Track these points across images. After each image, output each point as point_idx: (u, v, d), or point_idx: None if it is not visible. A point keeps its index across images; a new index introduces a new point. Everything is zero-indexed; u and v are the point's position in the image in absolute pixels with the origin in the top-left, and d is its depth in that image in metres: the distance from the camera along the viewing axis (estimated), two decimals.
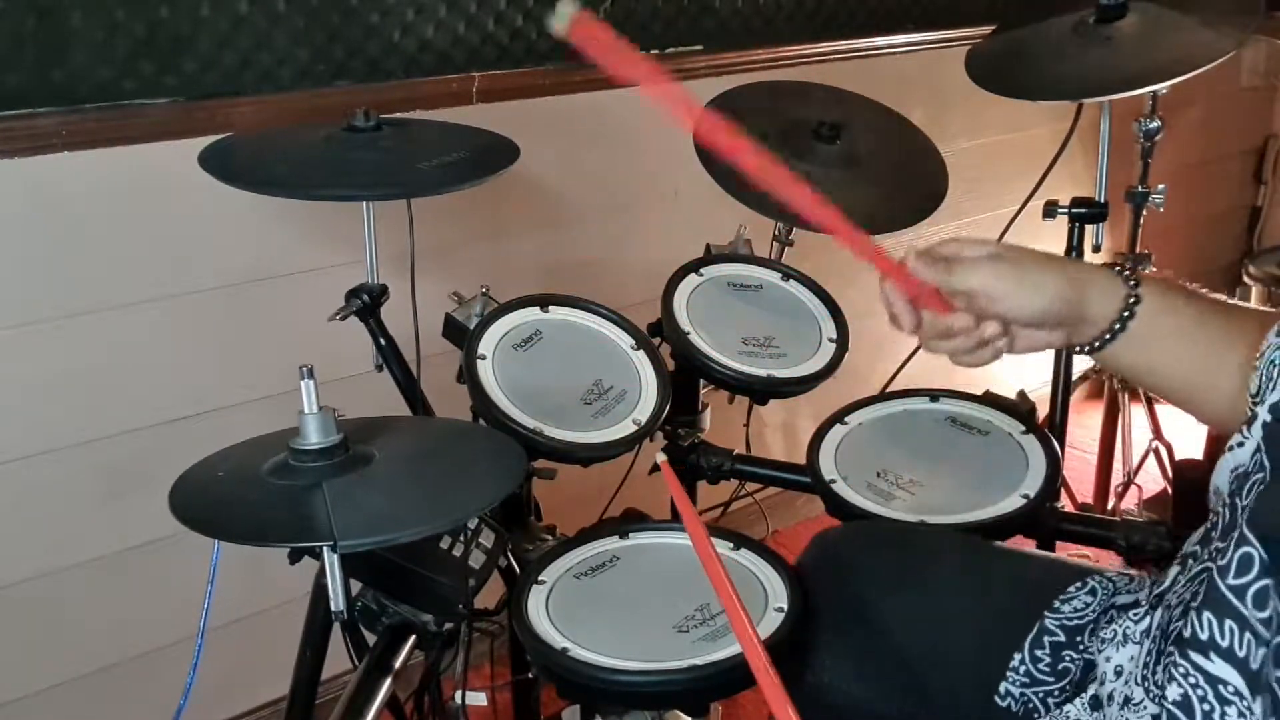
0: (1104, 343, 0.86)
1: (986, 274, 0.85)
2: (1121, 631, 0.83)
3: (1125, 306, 0.84)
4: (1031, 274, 0.85)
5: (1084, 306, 0.85)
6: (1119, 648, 0.83)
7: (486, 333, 1.22)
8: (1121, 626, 0.84)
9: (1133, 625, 0.83)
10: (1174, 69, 1.47)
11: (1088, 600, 0.95)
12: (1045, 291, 0.84)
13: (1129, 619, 0.84)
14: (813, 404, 1.43)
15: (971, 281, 0.85)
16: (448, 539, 1.05)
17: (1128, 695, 0.78)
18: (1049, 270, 0.86)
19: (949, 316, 0.86)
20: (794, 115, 1.49)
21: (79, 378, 1.44)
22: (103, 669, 1.56)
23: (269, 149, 1.27)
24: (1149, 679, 0.76)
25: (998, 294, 0.85)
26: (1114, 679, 0.82)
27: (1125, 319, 0.85)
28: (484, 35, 1.66)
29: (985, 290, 0.85)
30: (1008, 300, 0.85)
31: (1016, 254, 0.87)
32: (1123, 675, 0.81)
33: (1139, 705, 0.76)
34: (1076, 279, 0.85)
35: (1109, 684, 0.82)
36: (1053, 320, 0.86)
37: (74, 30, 1.32)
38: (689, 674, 0.92)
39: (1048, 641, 0.93)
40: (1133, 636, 0.82)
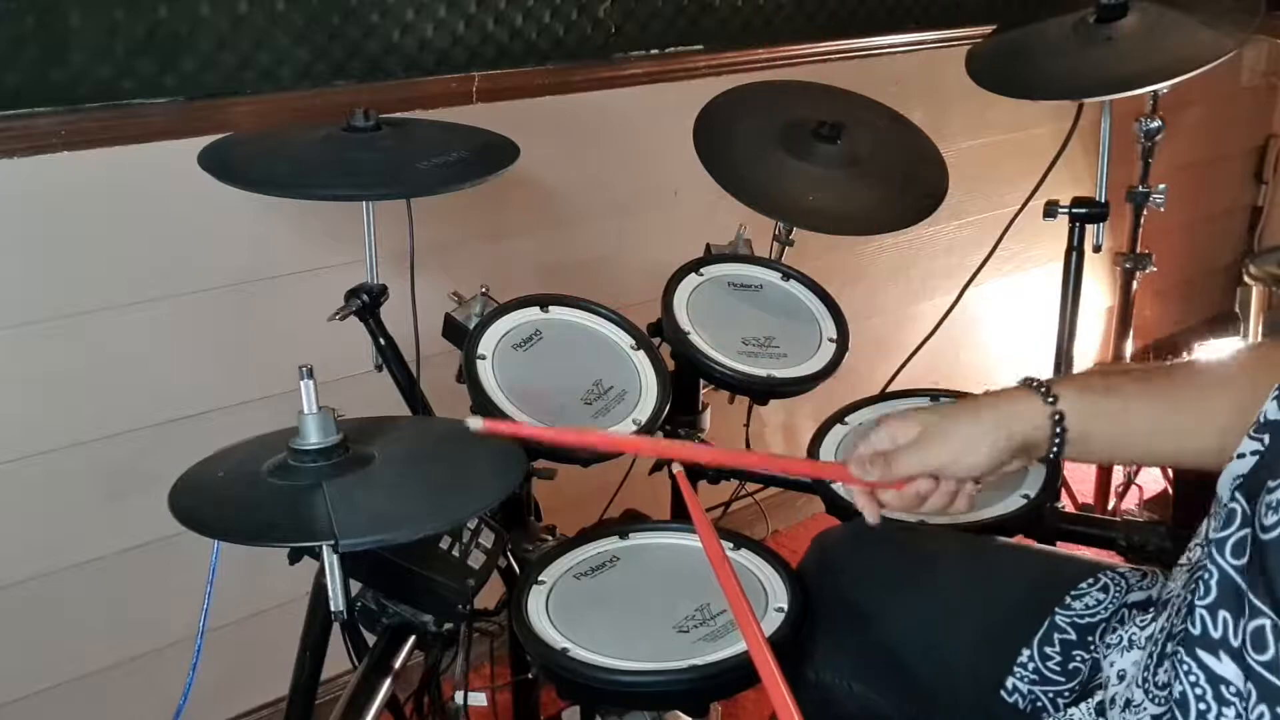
0: (1055, 455, 0.90)
1: (919, 457, 0.89)
2: (1128, 637, 0.83)
3: (1052, 425, 0.88)
4: (959, 438, 0.89)
5: (1018, 441, 0.89)
6: (1124, 653, 0.83)
7: (486, 333, 1.22)
8: (1128, 632, 0.84)
9: (1139, 631, 0.83)
10: (1174, 69, 1.47)
11: (1100, 597, 0.94)
12: (978, 453, 0.88)
13: (1135, 624, 0.84)
14: (813, 404, 1.43)
15: (910, 468, 0.89)
16: (447, 539, 1.05)
17: (1129, 698, 0.78)
18: (974, 429, 0.89)
19: (908, 488, 0.91)
20: (794, 115, 1.49)
21: (78, 378, 1.44)
22: (102, 669, 1.55)
23: (268, 149, 1.26)
24: (1149, 680, 0.76)
25: (938, 467, 0.89)
26: (1117, 683, 0.82)
27: (1060, 434, 0.88)
28: (484, 34, 1.66)
29: (926, 470, 0.89)
30: (952, 469, 0.89)
31: (940, 421, 0.90)
32: (1125, 680, 0.81)
33: (1139, 707, 0.76)
34: (1000, 423, 0.89)
35: (1112, 688, 0.82)
36: (1001, 464, 0.90)
37: (73, 30, 1.32)
38: (689, 674, 0.92)
39: (1058, 639, 0.93)
40: (1138, 642, 0.82)
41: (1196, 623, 0.69)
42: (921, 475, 0.90)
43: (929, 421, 0.90)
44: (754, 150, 1.46)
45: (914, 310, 2.35)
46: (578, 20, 1.75)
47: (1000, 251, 1.89)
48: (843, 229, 1.64)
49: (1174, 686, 0.71)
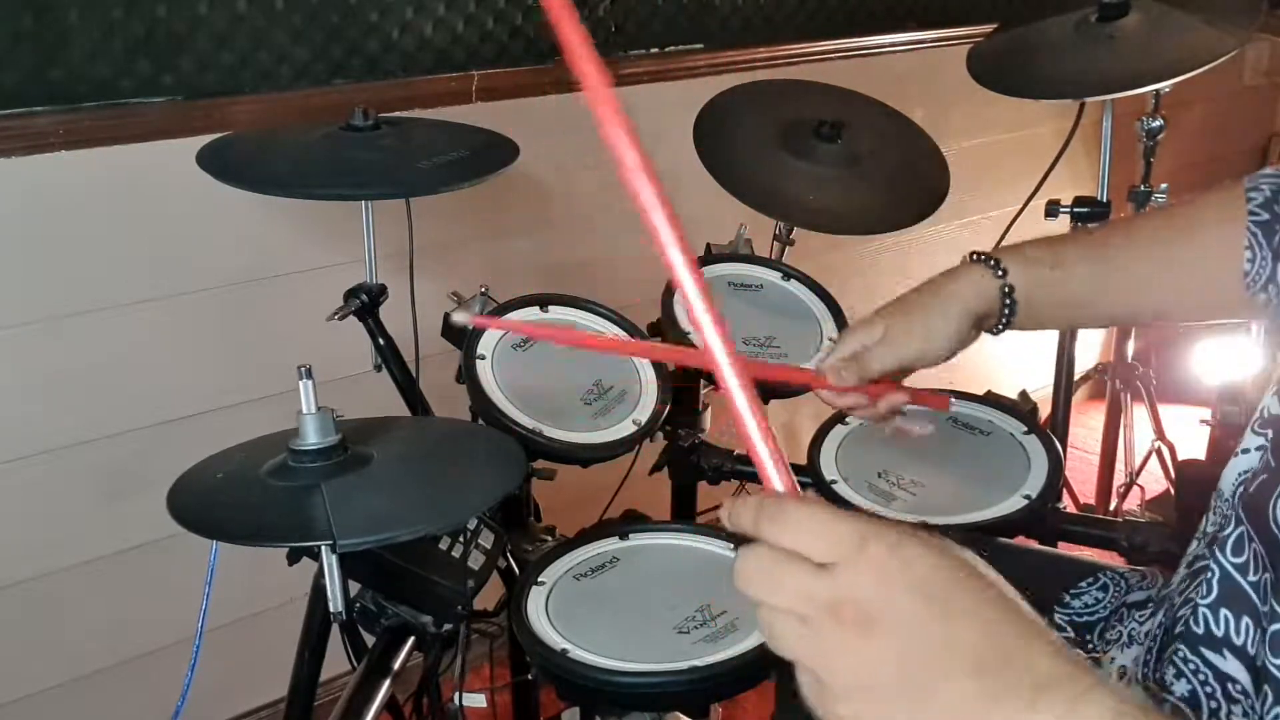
0: (1003, 327, 0.93)
1: (890, 353, 0.92)
2: (1127, 633, 0.83)
3: (1003, 296, 0.91)
4: (924, 328, 0.91)
5: (975, 315, 0.91)
6: (1123, 649, 0.83)
7: (486, 332, 1.21)
8: (1128, 628, 0.84)
9: (1138, 626, 0.83)
10: (1176, 68, 1.46)
11: (1099, 596, 0.94)
12: (943, 336, 0.91)
13: (1135, 620, 0.84)
14: (814, 404, 1.42)
15: (883, 364, 0.92)
16: (447, 540, 1.05)
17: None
18: (934, 316, 0.92)
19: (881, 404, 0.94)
20: (795, 114, 1.48)
21: (77, 378, 1.44)
22: (101, 670, 1.55)
23: (267, 148, 1.26)
24: (1148, 676, 0.76)
25: (908, 362, 0.92)
26: (1116, 680, 0.81)
27: (1009, 306, 0.91)
28: (483, 33, 1.65)
29: (900, 364, 0.92)
30: (921, 361, 0.92)
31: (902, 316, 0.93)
32: (1125, 677, 0.81)
33: None
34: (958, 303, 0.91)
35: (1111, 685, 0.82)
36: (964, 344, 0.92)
37: (71, 29, 1.32)
38: (689, 675, 0.92)
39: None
40: (1137, 638, 0.82)
41: (1200, 621, 0.69)
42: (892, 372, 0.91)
43: (891, 317, 0.93)
44: (754, 149, 1.45)
45: None
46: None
47: None
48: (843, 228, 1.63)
49: (1178, 685, 0.70)
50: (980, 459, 1.25)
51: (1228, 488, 0.75)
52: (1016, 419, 1.30)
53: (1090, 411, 2.52)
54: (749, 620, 0.99)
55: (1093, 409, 2.49)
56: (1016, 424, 1.29)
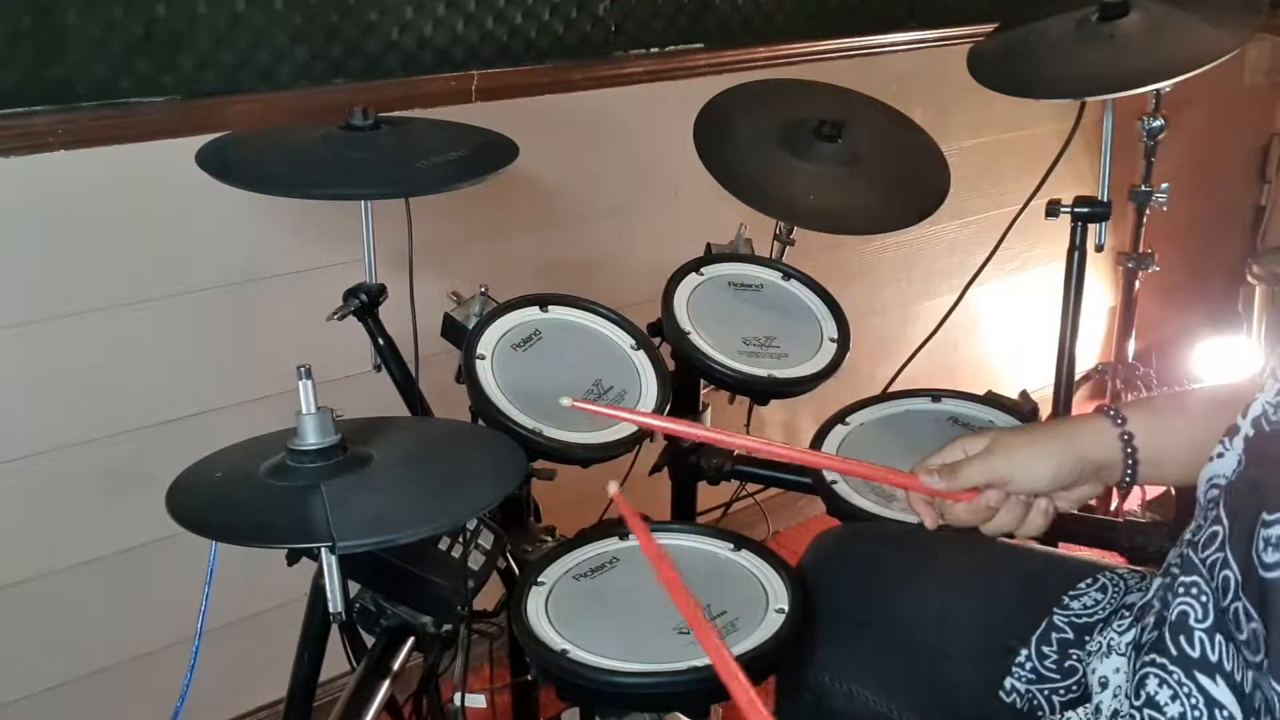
0: (1132, 478, 0.90)
1: (983, 466, 0.90)
2: (1106, 642, 0.83)
3: (1124, 446, 0.89)
4: (1021, 456, 0.90)
5: (1089, 462, 0.89)
6: (1103, 659, 0.83)
7: (485, 332, 1.21)
8: (1107, 637, 0.84)
9: (1117, 636, 0.83)
10: (1177, 67, 1.46)
11: (1098, 597, 0.94)
12: (1042, 468, 0.89)
13: (1114, 630, 0.84)
14: (814, 404, 1.43)
15: (973, 477, 0.90)
16: (446, 540, 1.05)
17: (1115, 709, 0.78)
18: (1037, 447, 0.90)
19: (979, 500, 0.91)
20: (795, 114, 1.48)
21: (76, 378, 1.43)
22: (100, 670, 1.55)
23: (267, 148, 1.26)
24: (1132, 696, 0.76)
25: (1001, 478, 0.90)
26: (1099, 691, 0.81)
27: (1132, 456, 0.89)
28: (483, 33, 1.65)
29: (990, 479, 0.90)
30: (1015, 482, 0.90)
31: (1008, 440, 0.92)
32: (1109, 688, 0.81)
33: (1126, 718, 0.76)
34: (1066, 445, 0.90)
35: (1096, 697, 0.82)
36: (1068, 482, 0.90)
37: (70, 28, 1.32)
38: (689, 676, 0.91)
39: (1055, 639, 0.93)
40: (1117, 647, 0.82)
41: (1195, 645, 0.69)
42: (986, 485, 0.90)
43: (999, 435, 0.92)
44: (755, 149, 1.45)
45: (915, 310, 2.35)
46: (577, 18, 1.74)
47: (1002, 251, 1.88)
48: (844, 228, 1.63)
49: (1171, 707, 0.70)
50: None
51: (1201, 495, 0.75)
52: (1017, 419, 1.30)
53: None
54: (749, 620, 0.99)
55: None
56: (1017, 424, 1.29)
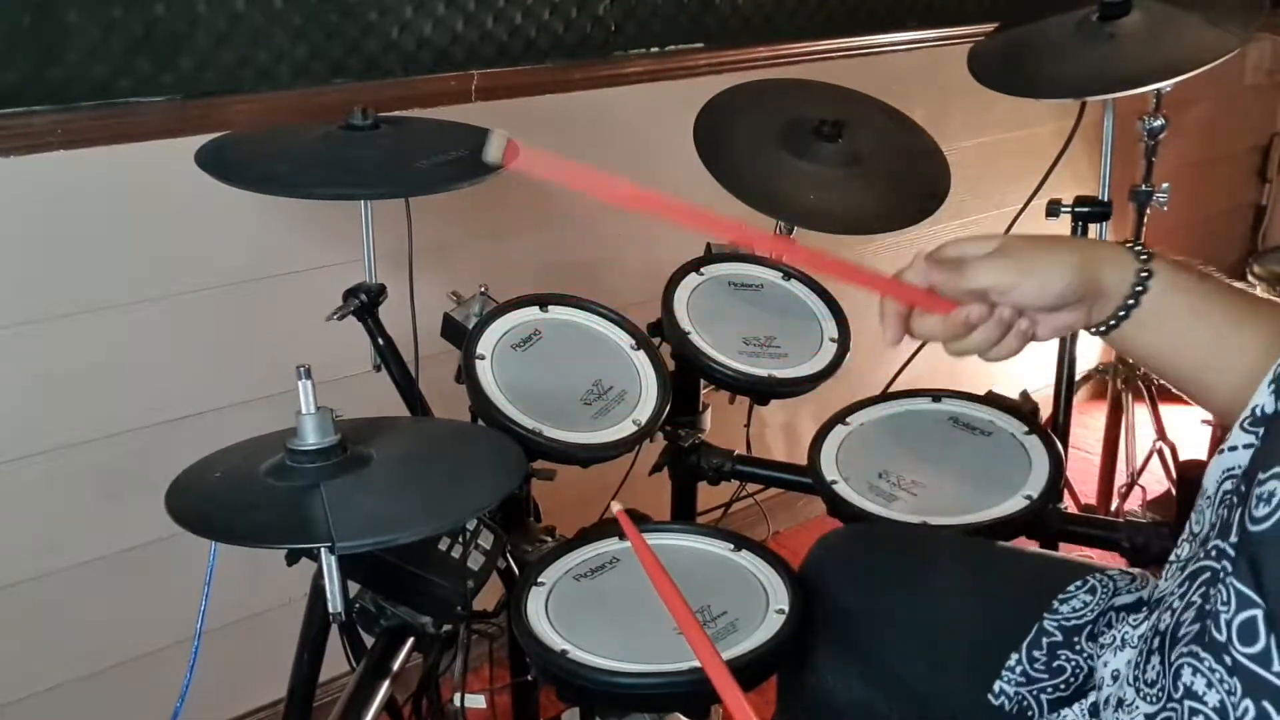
0: (1118, 320, 0.86)
1: (992, 270, 0.85)
2: (1120, 636, 0.83)
3: (1137, 281, 0.84)
4: (1039, 263, 0.85)
5: (1097, 284, 0.85)
6: (1116, 652, 0.82)
7: (485, 332, 1.21)
8: (1121, 631, 0.83)
9: (1131, 630, 0.82)
10: (1178, 67, 1.46)
11: (1086, 600, 0.94)
12: (1055, 278, 0.84)
13: (1128, 624, 0.83)
14: (814, 404, 1.42)
15: (980, 280, 0.85)
16: (446, 540, 1.04)
17: (1120, 697, 0.78)
18: (1056, 255, 0.85)
19: (961, 310, 0.86)
20: (795, 113, 1.48)
21: (75, 378, 1.43)
22: (100, 670, 1.55)
23: (266, 147, 1.26)
24: (1140, 679, 0.75)
25: (1006, 286, 0.85)
26: (1110, 684, 0.81)
27: (1138, 294, 0.84)
28: (483, 32, 1.65)
29: (995, 285, 0.85)
30: (1018, 291, 0.85)
31: (1021, 245, 0.87)
32: (1118, 679, 0.80)
33: (1130, 706, 0.75)
34: (1086, 260, 0.85)
35: (1106, 689, 0.81)
36: (1069, 301, 0.85)
37: (70, 28, 1.32)
38: (689, 676, 0.91)
39: (1045, 643, 0.93)
40: (1130, 641, 0.82)
41: (1222, 630, 0.68)
42: (985, 290, 0.85)
43: (1010, 239, 0.87)
44: (755, 149, 1.45)
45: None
46: (577, 18, 1.74)
47: None
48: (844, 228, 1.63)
49: (1209, 695, 0.68)
50: (981, 459, 1.25)
51: (1211, 485, 0.74)
52: (1017, 419, 1.30)
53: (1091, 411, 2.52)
54: (749, 621, 0.99)
55: (1094, 409, 2.49)
56: (1017, 424, 1.29)
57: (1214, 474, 0.74)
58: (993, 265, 0.85)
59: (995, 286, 0.85)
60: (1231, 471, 0.73)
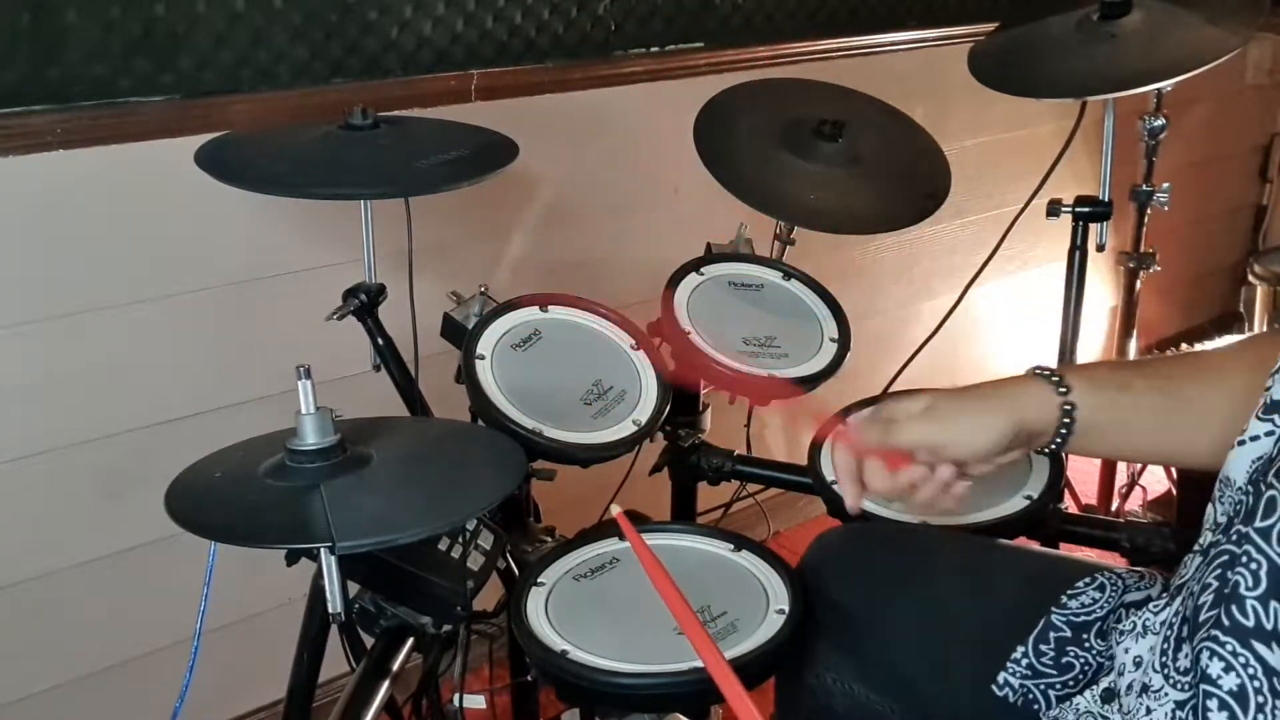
0: (1057, 448, 0.91)
1: (922, 429, 0.91)
2: (1141, 623, 0.82)
3: (1062, 415, 0.89)
4: (964, 422, 0.90)
5: (1025, 430, 0.90)
6: (1138, 639, 0.82)
7: (485, 332, 1.21)
8: (1141, 618, 0.83)
9: (1152, 616, 0.82)
10: (1179, 66, 1.46)
11: (1096, 596, 0.94)
12: (982, 435, 0.89)
13: (1149, 611, 0.83)
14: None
15: (910, 437, 0.91)
16: (446, 541, 1.04)
17: (1145, 683, 0.77)
18: (981, 412, 0.90)
19: (905, 471, 0.91)
20: (795, 113, 1.48)
21: (75, 378, 1.43)
22: (99, 671, 1.55)
23: (266, 147, 1.26)
24: (1169, 665, 0.75)
25: (939, 444, 0.90)
26: (1133, 669, 0.80)
27: (1067, 425, 0.89)
28: (483, 32, 1.65)
29: (925, 444, 0.90)
30: (952, 448, 0.90)
31: (947, 404, 0.92)
32: (1141, 665, 0.80)
33: (1159, 692, 0.75)
34: (1010, 410, 0.90)
35: (1128, 675, 0.81)
36: (1002, 451, 0.91)
37: (69, 27, 1.32)
38: (690, 676, 0.91)
39: (1053, 637, 0.92)
40: (1152, 627, 0.81)
41: (1248, 614, 0.68)
42: (919, 448, 0.90)
43: (937, 398, 0.92)
44: (755, 149, 1.45)
45: (916, 310, 2.34)
46: (577, 18, 1.74)
47: (1003, 251, 1.88)
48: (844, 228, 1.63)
49: (1226, 679, 0.69)
50: None
51: (1239, 476, 0.75)
52: None
53: None
54: (749, 621, 0.99)
55: None
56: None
57: (1240, 464, 0.75)
58: (920, 426, 0.91)
59: (925, 445, 0.90)
60: (1259, 459, 0.74)
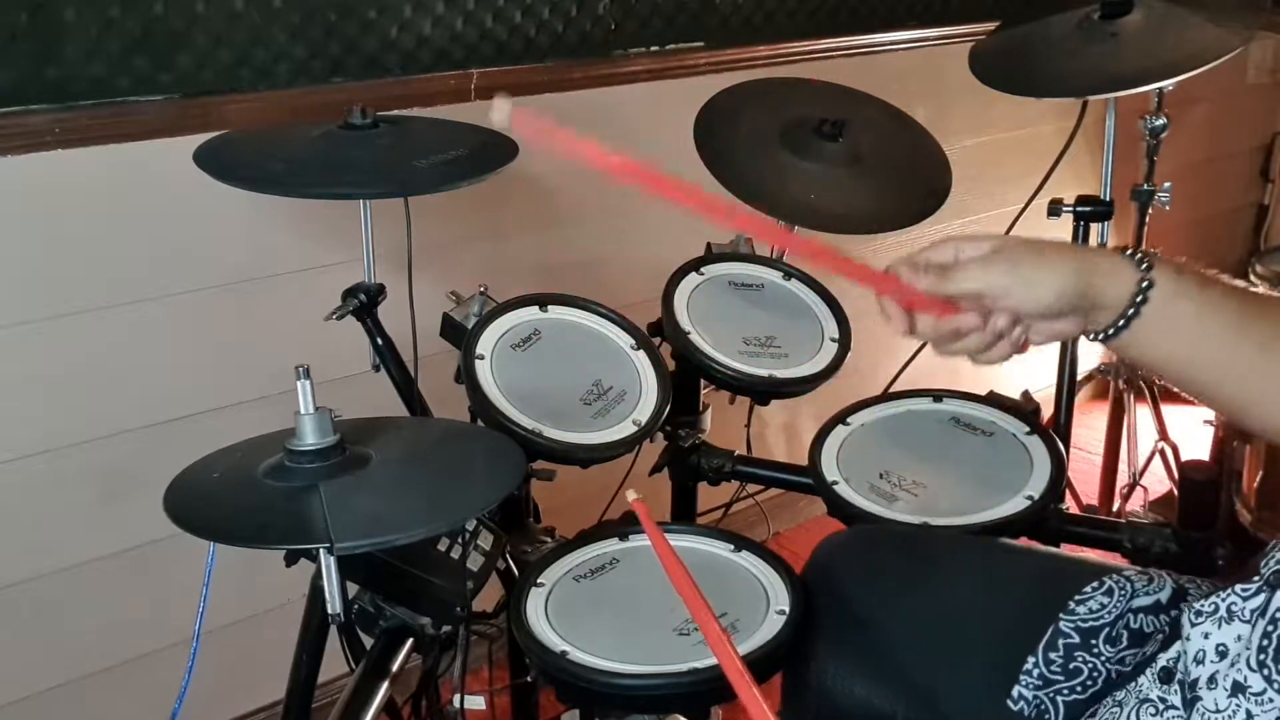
0: (1117, 330, 0.83)
1: (982, 276, 0.83)
2: (1225, 607, 0.76)
3: (1138, 291, 0.81)
4: (1030, 268, 0.83)
5: (1094, 294, 0.82)
6: (1220, 624, 0.76)
7: (485, 332, 1.21)
8: (1225, 601, 0.77)
9: (1240, 601, 0.75)
10: (1180, 66, 1.45)
11: (1104, 601, 0.93)
12: (1047, 285, 0.82)
13: (1236, 594, 0.76)
14: (815, 404, 1.42)
15: (968, 285, 0.84)
16: (445, 541, 1.04)
17: (1238, 681, 0.72)
18: (1051, 262, 0.83)
19: (953, 318, 0.85)
20: (796, 113, 1.48)
21: (74, 378, 1.43)
22: (98, 671, 1.55)
23: (265, 147, 1.25)
24: (1269, 666, 0.70)
25: (997, 293, 0.83)
26: (1216, 659, 0.75)
27: (1139, 304, 0.81)
28: (482, 31, 1.65)
29: (985, 291, 0.84)
30: (1009, 298, 0.83)
31: (1016, 249, 0.85)
32: (1228, 657, 0.74)
33: (1260, 695, 0.70)
34: (1083, 268, 0.83)
35: (1209, 664, 0.75)
36: (1063, 310, 0.84)
37: (67, 26, 1.31)
38: (689, 677, 0.91)
39: (1061, 644, 0.92)
40: (1240, 614, 0.75)
41: None
42: (976, 296, 0.83)
43: (1005, 242, 0.84)
44: (755, 148, 1.45)
45: None
46: (577, 17, 1.74)
47: None
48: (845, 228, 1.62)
49: None
50: (983, 459, 1.25)
51: None
52: (1019, 419, 1.29)
53: (1093, 412, 2.51)
54: (749, 621, 0.99)
55: (1095, 409, 2.48)
56: (1019, 424, 1.29)
57: None
58: (982, 271, 0.84)
59: (984, 292, 0.83)
60: None
